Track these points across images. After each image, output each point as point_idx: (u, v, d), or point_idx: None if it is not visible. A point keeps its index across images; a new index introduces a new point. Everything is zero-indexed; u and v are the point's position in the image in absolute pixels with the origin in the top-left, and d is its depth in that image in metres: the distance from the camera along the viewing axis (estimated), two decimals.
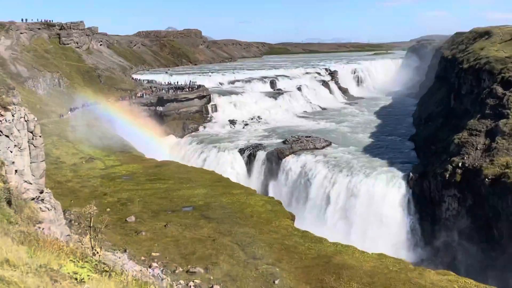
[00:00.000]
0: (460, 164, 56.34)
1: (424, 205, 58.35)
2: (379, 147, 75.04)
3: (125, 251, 34.01)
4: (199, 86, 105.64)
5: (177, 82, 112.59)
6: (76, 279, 6.75)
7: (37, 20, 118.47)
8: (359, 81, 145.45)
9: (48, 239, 7.36)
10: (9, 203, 11.83)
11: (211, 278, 31.30)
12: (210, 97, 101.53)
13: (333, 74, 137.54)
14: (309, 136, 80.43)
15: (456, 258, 50.98)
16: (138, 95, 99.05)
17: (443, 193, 56.47)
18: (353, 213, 59.76)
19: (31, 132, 25.44)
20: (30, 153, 25.63)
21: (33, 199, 20.44)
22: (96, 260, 7.73)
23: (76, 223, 38.03)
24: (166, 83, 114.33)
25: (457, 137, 59.55)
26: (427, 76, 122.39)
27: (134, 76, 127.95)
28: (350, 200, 60.75)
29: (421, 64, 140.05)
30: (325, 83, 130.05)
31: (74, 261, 6.94)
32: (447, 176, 56.43)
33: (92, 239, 9.75)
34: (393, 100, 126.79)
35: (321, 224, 57.10)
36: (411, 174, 61.53)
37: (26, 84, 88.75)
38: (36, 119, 26.24)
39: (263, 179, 70.60)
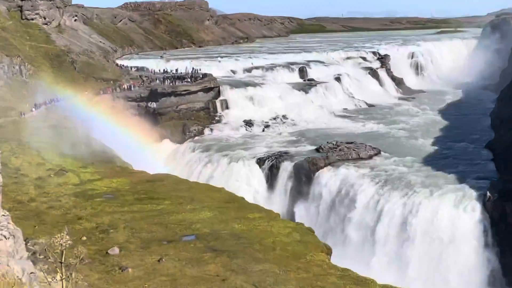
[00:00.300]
0: None
1: (508, 236, 56.79)
2: (445, 157, 73.71)
3: None
4: (205, 75, 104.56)
5: (176, 70, 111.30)
6: None
7: None
8: (418, 69, 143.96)
9: (6, 279, 7.39)
10: None
11: None
12: (219, 89, 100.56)
13: (383, 60, 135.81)
14: (351, 142, 78.81)
15: None
16: (124, 87, 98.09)
17: None
18: (410, 244, 58.39)
19: None
20: None
21: None
22: None
23: (42, 257, 37.50)
24: (162, 71, 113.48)
25: None
26: (510, 62, 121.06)
27: (119, 61, 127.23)
28: (406, 227, 59.26)
29: (503, 46, 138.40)
30: (372, 72, 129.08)
31: None
32: None
33: (63, 280, 9.80)
34: (464, 94, 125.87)
35: (366, 260, 56.46)
36: (488, 193, 59.85)
37: None
38: None
39: (289, 199, 69.28)
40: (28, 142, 70.66)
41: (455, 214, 59.20)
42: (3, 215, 26.47)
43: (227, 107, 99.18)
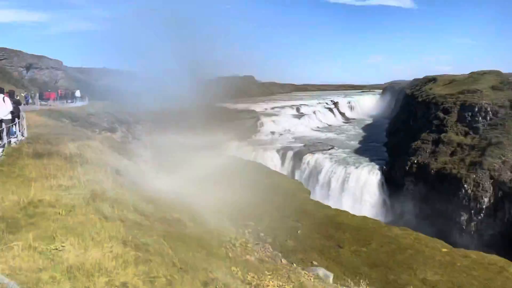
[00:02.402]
0: (415, 161, 55.82)
1: (392, 186, 57.06)
2: (364, 150, 73.02)
3: None
4: (253, 110, 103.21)
5: None
6: None
7: None
8: (351, 108, 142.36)
9: None
10: None
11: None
12: (259, 117, 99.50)
13: (335, 104, 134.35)
14: (320, 142, 78.86)
15: (409, 220, 50.07)
16: None
17: (404, 179, 55.68)
18: (347, 190, 58.47)
19: None
20: None
21: None
22: None
23: None
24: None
25: (414, 144, 58.89)
26: (395, 106, 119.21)
27: None
28: (345, 182, 59.34)
29: (392, 98, 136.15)
30: (330, 109, 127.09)
31: None
32: (407, 168, 56.06)
33: None
34: (373, 120, 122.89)
35: (326, 197, 56.35)
36: (384, 166, 60.62)
37: None
38: None
39: (291, 168, 68.55)
40: None
41: (368, 176, 59.39)
42: None
43: (262, 125, 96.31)
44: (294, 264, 15.67)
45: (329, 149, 72.73)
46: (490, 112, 53.89)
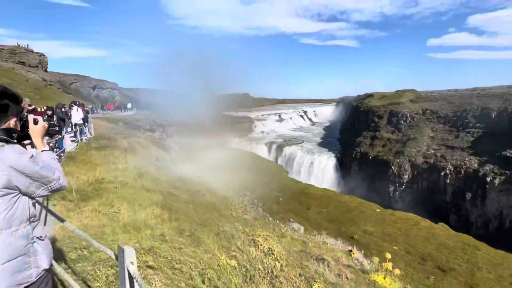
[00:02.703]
0: (359, 151, 55.62)
1: (343, 169, 56.27)
2: (325, 143, 71.54)
3: None
4: (248, 117, 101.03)
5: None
6: None
7: None
8: (316, 115, 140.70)
9: None
10: None
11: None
12: (252, 121, 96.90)
13: (305, 112, 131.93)
14: (295, 138, 77.08)
15: (355, 191, 49.45)
16: None
17: (351, 163, 55.06)
18: (312, 171, 57.07)
19: None
20: None
21: None
22: None
23: None
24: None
25: (358, 139, 58.27)
26: (345, 113, 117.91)
27: None
28: (311, 165, 57.97)
29: (343, 108, 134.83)
30: (301, 116, 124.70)
31: None
32: (353, 156, 55.59)
33: None
34: (331, 123, 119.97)
35: (299, 176, 54.79)
36: (338, 155, 59.79)
37: None
38: None
39: (275, 156, 66.27)
40: None
41: (327, 161, 58.20)
42: None
43: (255, 127, 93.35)
44: (277, 221, 15.83)
45: (301, 143, 71.03)
46: (409, 118, 53.53)
